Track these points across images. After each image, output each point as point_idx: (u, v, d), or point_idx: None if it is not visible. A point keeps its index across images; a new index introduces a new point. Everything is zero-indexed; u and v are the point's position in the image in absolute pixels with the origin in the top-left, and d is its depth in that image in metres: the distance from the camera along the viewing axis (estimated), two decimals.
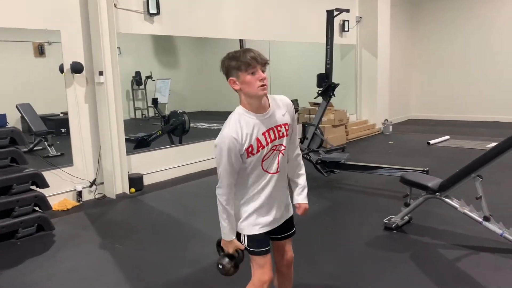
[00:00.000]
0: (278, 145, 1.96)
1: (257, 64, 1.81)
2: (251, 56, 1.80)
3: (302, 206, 2.18)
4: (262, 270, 2.05)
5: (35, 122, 5.31)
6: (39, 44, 5.17)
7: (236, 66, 1.82)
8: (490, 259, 3.20)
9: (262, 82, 1.83)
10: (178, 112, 6.84)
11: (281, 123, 1.96)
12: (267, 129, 1.91)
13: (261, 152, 1.91)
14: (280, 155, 1.98)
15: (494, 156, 3.24)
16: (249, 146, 1.88)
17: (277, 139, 1.95)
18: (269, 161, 1.96)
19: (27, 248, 3.73)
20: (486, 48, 10.52)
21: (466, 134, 8.81)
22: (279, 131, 1.95)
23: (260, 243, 2.04)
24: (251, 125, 1.88)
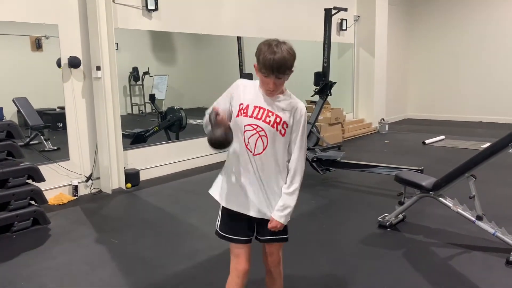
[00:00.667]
0: (258, 126, 1.95)
1: (270, 74, 1.86)
2: (270, 63, 1.83)
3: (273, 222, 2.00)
4: (237, 259, 2.09)
5: (32, 116, 5.30)
6: (36, 38, 5.15)
7: (258, 59, 1.90)
8: (483, 258, 3.24)
9: (270, 88, 1.91)
10: (175, 108, 6.84)
11: (275, 113, 1.96)
12: (260, 107, 1.97)
13: (242, 118, 1.96)
14: (259, 139, 1.95)
15: (487, 156, 3.27)
16: (242, 103, 1.98)
17: (260, 120, 1.95)
18: (248, 135, 1.96)
19: (22, 241, 3.74)
20: (482, 48, 10.57)
21: (462, 134, 8.86)
22: (268, 116, 1.96)
23: (231, 228, 2.07)
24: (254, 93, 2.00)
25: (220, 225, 2.13)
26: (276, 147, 1.98)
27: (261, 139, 1.95)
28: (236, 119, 1.98)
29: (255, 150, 1.96)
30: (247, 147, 1.97)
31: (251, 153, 1.97)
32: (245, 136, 1.96)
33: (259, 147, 1.96)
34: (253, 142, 1.96)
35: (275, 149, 1.98)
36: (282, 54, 1.83)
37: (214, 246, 3.43)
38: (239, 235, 2.08)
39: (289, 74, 1.92)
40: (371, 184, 5.31)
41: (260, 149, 1.96)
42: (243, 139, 1.97)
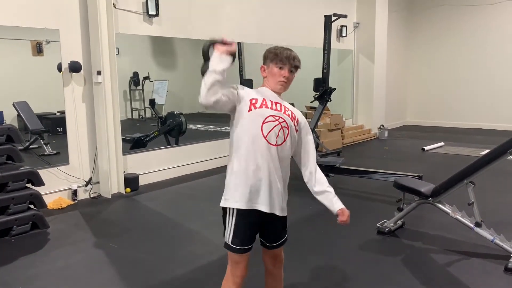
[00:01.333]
0: (280, 117, 1.99)
1: (287, 63, 2.02)
2: (286, 54, 2.02)
3: (345, 211, 2.16)
4: (236, 265, 2.07)
5: (32, 120, 5.32)
6: (37, 43, 5.17)
7: (271, 57, 2.04)
8: (481, 264, 3.24)
9: (284, 78, 2.03)
10: (175, 113, 6.85)
11: (290, 110, 2.06)
12: (276, 102, 2.04)
13: (263, 110, 1.97)
14: (281, 130, 1.97)
15: (486, 163, 3.28)
16: (254, 98, 2.00)
17: (281, 113, 2.01)
18: (269, 126, 1.95)
19: (21, 245, 3.74)
20: (482, 55, 10.61)
21: (461, 141, 8.87)
22: (286, 110, 2.04)
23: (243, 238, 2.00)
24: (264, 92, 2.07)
25: (232, 237, 2.01)
26: (292, 140, 2.04)
27: (282, 130, 1.98)
28: (254, 112, 1.96)
29: (277, 140, 1.96)
30: (266, 139, 1.94)
31: (272, 145, 1.95)
32: (264, 128, 1.95)
33: (280, 137, 1.98)
34: (274, 134, 1.96)
35: (292, 142, 2.04)
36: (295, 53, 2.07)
37: (213, 251, 3.43)
38: (248, 244, 2.04)
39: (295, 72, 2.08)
40: (370, 190, 5.32)
41: (281, 140, 1.98)
42: (261, 132, 1.94)
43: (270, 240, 2.13)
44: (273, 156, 1.96)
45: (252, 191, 1.96)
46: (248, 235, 2.04)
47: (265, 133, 1.94)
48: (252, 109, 1.96)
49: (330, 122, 8.28)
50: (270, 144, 1.95)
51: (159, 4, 5.68)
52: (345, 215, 2.13)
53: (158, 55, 7.99)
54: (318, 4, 8.42)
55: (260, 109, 1.96)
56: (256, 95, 2.02)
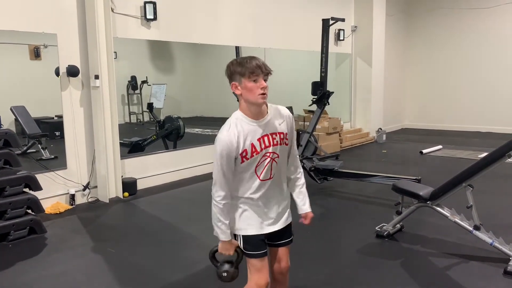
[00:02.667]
0: (271, 152, 1.98)
1: (260, 73, 1.89)
2: (256, 64, 1.88)
3: (308, 215, 2.23)
4: (259, 274, 2.06)
5: (29, 124, 5.30)
6: (35, 47, 5.16)
7: (240, 72, 1.88)
8: (480, 267, 3.23)
9: (263, 90, 1.90)
10: (173, 117, 6.85)
11: (276, 132, 2.00)
12: (262, 136, 1.96)
13: (255, 157, 1.95)
14: (273, 163, 2.01)
15: (485, 166, 3.27)
16: (244, 151, 1.93)
17: (271, 146, 1.98)
18: (262, 167, 1.99)
19: (18, 250, 3.72)
20: (480, 58, 10.63)
21: (459, 144, 8.88)
22: (274, 138, 1.99)
23: (256, 245, 2.06)
24: (247, 130, 1.93)
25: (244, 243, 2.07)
26: (284, 157, 2.08)
27: (274, 161, 2.01)
28: (247, 162, 1.96)
29: (271, 173, 2.02)
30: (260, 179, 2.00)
31: (268, 180, 2.02)
32: (257, 170, 1.98)
33: (274, 168, 2.02)
34: (268, 170, 2.00)
35: (284, 159, 2.08)
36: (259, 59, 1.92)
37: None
38: (263, 248, 2.09)
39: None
40: (369, 194, 5.32)
41: (276, 171, 2.04)
42: (256, 174, 1.99)
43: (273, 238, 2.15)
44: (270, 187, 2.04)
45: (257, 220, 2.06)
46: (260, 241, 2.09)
47: (259, 174, 2.00)
48: (244, 161, 1.96)
49: (328, 126, 8.28)
50: (266, 180, 2.02)
51: (157, 8, 5.69)
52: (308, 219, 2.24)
53: (156, 59, 7.98)
54: (315, 8, 8.44)
55: (252, 158, 1.96)
56: (242, 142, 1.92)
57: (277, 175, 2.05)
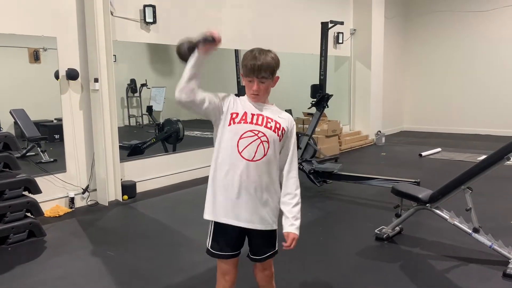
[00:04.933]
0: (259, 131, 1.94)
1: (253, 76, 1.92)
2: (251, 66, 1.91)
3: (290, 235, 2.04)
4: (224, 279, 2.08)
5: (29, 127, 5.30)
6: (34, 50, 5.17)
7: (242, 66, 1.97)
8: (479, 270, 3.24)
9: (254, 92, 1.96)
10: (173, 120, 6.85)
11: (273, 118, 1.99)
12: (258, 114, 1.98)
13: (242, 126, 1.93)
14: (261, 145, 1.94)
15: (484, 169, 3.28)
16: (235, 112, 1.96)
17: (262, 126, 1.95)
18: (246, 142, 1.93)
19: (17, 254, 3.71)
20: (478, 61, 10.67)
21: (458, 146, 8.89)
22: (268, 122, 1.97)
23: (223, 244, 2.03)
24: (247, 105, 2.00)
25: (212, 243, 2.08)
26: (275, 152, 1.99)
27: (262, 144, 1.93)
28: (232, 127, 1.94)
29: (255, 155, 1.92)
30: (241, 155, 1.92)
31: (248, 160, 1.92)
32: (240, 144, 1.92)
33: (259, 152, 1.93)
34: (252, 149, 1.92)
35: (274, 154, 1.99)
36: (265, 59, 1.92)
37: (211, 259, 3.40)
38: (230, 250, 2.05)
39: (272, 79, 1.97)
40: (368, 196, 5.32)
41: (260, 155, 1.94)
42: (237, 148, 1.92)
43: (252, 252, 2.12)
44: (250, 171, 1.93)
45: (224, 205, 1.99)
46: (227, 241, 2.05)
47: (240, 149, 1.92)
48: (231, 123, 1.94)
49: (327, 128, 8.29)
50: (246, 159, 1.92)
51: (156, 11, 5.70)
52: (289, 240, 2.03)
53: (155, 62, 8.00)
54: (314, 11, 8.47)
55: (239, 125, 1.94)
56: (238, 108, 1.97)
57: (262, 165, 1.95)
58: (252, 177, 1.94)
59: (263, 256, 2.10)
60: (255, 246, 2.09)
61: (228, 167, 1.95)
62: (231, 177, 1.95)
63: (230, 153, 1.94)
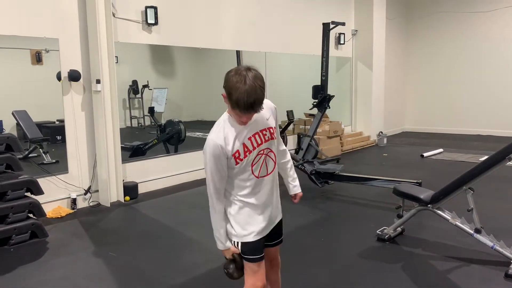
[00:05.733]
0: (265, 149, 2.00)
1: (247, 113, 1.82)
2: (246, 104, 1.76)
3: (298, 195, 2.31)
4: (256, 276, 2.07)
5: (31, 129, 5.31)
6: (36, 52, 5.19)
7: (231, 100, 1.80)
8: (481, 271, 3.23)
9: (244, 121, 1.89)
10: (174, 121, 6.86)
11: (265, 127, 2.00)
12: (253, 134, 1.96)
13: (249, 157, 1.95)
14: (268, 158, 2.02)
15: (485, 169, 3.28)
16: (236, 152, 1.92)
17: (263, 143, 1.99)
18: (258, 165, 1.99)
19: (20, 255, 3.73)
20: (480, 62, 10.65)
21: (460, 147, 8.88)
22: (265, 135, 1.99)
23: (254, 250, 2.05)
24: (236, 131, 1.92)
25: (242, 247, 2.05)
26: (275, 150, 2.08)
27: (268, 156, 2.02)
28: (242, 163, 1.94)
29: (267, 169, 2.02)
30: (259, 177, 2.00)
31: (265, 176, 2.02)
32: (254, 170, 1.98)
33: (270, 165, 2.03)
34: (265, 167, 2.01)
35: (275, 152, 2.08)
36: (256, 91, 1.77)
37: (213, 260, 3.42)
38: (261, 253, 2.08)
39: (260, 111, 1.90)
40: (370, 197, 5.32)
41: (271, 167, 2.04)
42: (253, 174, 1.98)
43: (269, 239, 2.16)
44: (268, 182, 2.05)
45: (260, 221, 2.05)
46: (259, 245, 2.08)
47: (256, 173, 1.99)
48: (238, 162, 1.94)
49: (329, 129, 8.29)
50: (264, 177, 2.02)
51: (158, 13, 5.72)
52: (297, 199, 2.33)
53: (157, 64, 8.01)
54: (316, 12, 8.48)
55: (245, 159, 1.95)
56: (233, 144, 1.90)
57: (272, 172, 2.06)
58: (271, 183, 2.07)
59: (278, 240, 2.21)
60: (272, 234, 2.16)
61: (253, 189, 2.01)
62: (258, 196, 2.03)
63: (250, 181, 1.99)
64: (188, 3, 6.24)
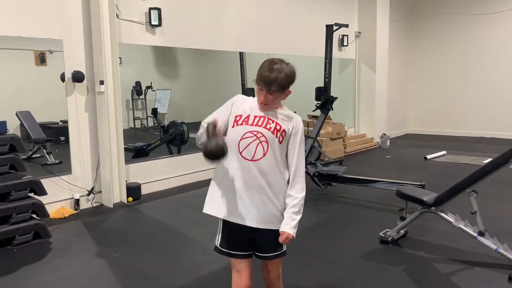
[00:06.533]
0: (258, 132, 1.99)
1: (264, 88, 1.96)
2: (266, 78, 1.94)
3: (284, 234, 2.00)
4: (239, 275, 2.09)
5: (34, 129, 5.33)
6: (40, 53, 5.20)
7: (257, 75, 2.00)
8: (484, 274, 3.22)
9: (262, 101, 2.01)
10: (177, 122, 6.87)
11: (275, 120, 2.03)
12: (260, 115, 2.03)
13: (243, 127, 2.00)
14: (259, 144, 1.98)
15: (489, 172, 3.27)
16: (239, 115, 2.04)
17: (261, 127, 2.00)
18: (245, 143, 1.98)
19: (23, 255, 3.73)
20: (483, 64, 10.63)
21: (463, 149, 8.86)
22: (268, 123, 2.02)
23: (232, 242, 2.07)
24: (254, 105, 2.07)
25: (221, 240, 2.12)
26: (275, 153, 2.02)
27: (261, 144, 1.99)
28: (235, 128, 2.02)
29: (254, 155, 1.98)
30: (241, 155, 1.98)
31: (248, 160, 1.98)
32: (241, 144, 1.98)
33: (258, 152, 1.98)
34: (252, 149, 1.98)
35: (274, 155, 2.02)
36: (279, 73, 1.94)
37: (215, 261, 3.41)
38: (239, 249, 2.08)
39: (282, 93, 1.99)
40: (373, 199, 5.31)
41: (260, 155, 1.98)
42: (238, 148, 1.99)
43: (258, 249, 2.13)
44: (250, 171, 1.98)
45: (228, 203, 2.05)
46: (236, 241, 2.08)
47: (241, 149, 1.99)
48: (234, 125, 2.03)
49: (332, 131, 8.28)
50: (246, 159, 1.99)
51: (161, 14, 5.73)
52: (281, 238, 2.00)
53: (160, 65, 8.02)
54: (319, 13, 8.48)
55: (240, 126, 2.01)
56: (242, 110, 2.05)
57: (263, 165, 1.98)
58: (254, 177, 1.99)
59: (270, 254, 2.11)
60: (263, 244, 2.10)
61: (231, 167, 2.01)
62: (234, 177, 2.01)
63: (232, 154, 2.00)
64: (191, 4, 6.25)
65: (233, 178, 2.01)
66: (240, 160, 1.99)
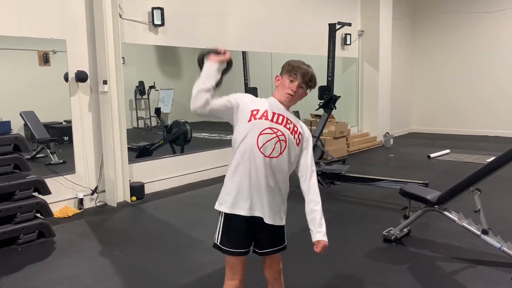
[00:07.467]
0: (279, 130, 1.99)
1: (299, 78, 2.02)
2: (303, 70, 2.04)
3: (320, 243, 2.11)
4: (232, 271, 2.10)
5: (38, 129, 5.35)
6: (44, 53, 5.22)
7: (288, 68, 2.06)
8: (488, 272, 3.21)
9: (291, 91, 2.03)
10: (181, 122, 6.88)
11: (292, 121, 2.06)
12: (279, 113, 2.03)
13: (262, 121, 1.98)
14: (278, 143, 1.98)
15: (492, 170, 3.26)
16: (256, 110, 2.01)
17: (281, 125, 2.01)
18: (265, 139, 1.97)
19: (27, 254, 3.75)
20: (487, 62, 10.59)
21: (466, 148, 8.83)
22: (287, 123, 2.04)
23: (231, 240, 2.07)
24: (269, 103, 2.07)
25: (221, 238, 2.11)
26: (290, 154, 2.04)
27: (280, 143, 1.99)
28: (255, 122, 1.99)
29: (272, 152, 1.98)
30: (260, 150, 1.97)
31: (265, 156, 1.97)
32: (260, 139, 1.97)
33: (276, 150, 1.99)
34: (270, 146, 1.97)
35: (289, 156, 2.04)
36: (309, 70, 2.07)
37: (218, 260, 3.41)
38: (239, 247, 2.08)
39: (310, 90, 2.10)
40: (376, 198, 5.30)
41: (277, 153, 1.99)
42: (256, 143, 1.97)
43: (259, 247, 2.13)
44: (266, 167, 1.98)
45: (238, 197, 2.02)
46: (236, 238, 2.08)
47: (260, 144, 1.97)
48: (252, 119, 2.00)
49: (335, 130, 8.28)
50: (264, 155, 1.97)
51: (164, 14, 5.74)
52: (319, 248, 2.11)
53: (163, 64, 8.04)
54: (322, 12, 8.47)
55: (260, 120, 1.99)
56: (259, 106, 2.03)
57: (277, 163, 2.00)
58: (267, 173, 1.99)
59: (271, 249, 2.13)
60: (264, 240, 2.11)
61: (247, 162, 1.99)
62: (248, 171, 1.99)
63: (249, 148, 1.98)
64: (194, 4, 6.26)
65: (249, 173, 1.99)
66: (259, 156, 1.97)
